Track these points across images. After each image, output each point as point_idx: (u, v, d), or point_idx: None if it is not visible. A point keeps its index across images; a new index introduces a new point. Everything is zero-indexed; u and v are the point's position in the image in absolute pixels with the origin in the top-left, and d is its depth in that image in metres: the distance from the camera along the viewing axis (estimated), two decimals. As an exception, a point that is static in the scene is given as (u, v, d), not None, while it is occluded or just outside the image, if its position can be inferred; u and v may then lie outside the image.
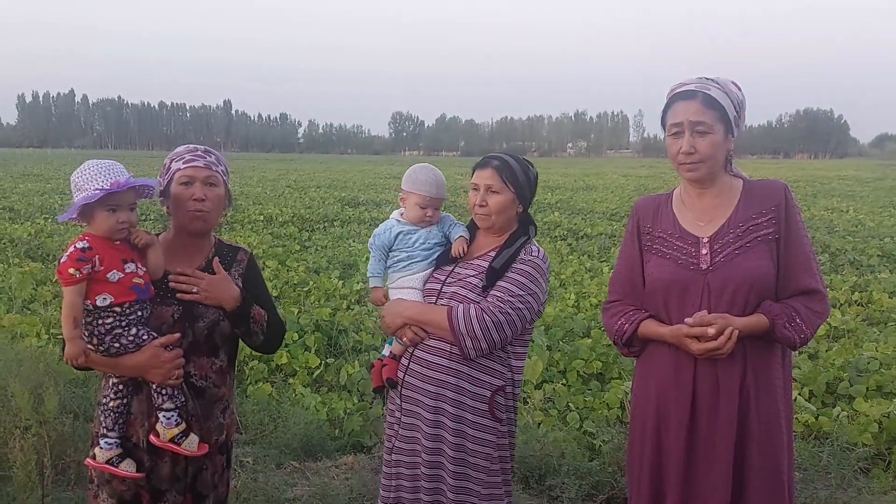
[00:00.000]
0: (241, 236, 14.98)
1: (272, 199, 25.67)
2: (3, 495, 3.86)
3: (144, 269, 2.47)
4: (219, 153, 2.70)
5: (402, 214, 3.08)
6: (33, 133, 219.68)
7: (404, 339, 2.92)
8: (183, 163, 2.58)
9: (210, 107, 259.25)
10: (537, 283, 2.87)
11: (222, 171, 2.68)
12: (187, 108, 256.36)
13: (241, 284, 2.70)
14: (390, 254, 3.03)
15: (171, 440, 2.47)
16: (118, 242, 2.43)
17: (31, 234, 14.59)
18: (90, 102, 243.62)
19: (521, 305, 2.81)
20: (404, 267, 3.01)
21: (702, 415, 2.55)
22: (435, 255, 3.02)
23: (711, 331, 2.40)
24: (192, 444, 2.51)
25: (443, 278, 2.96)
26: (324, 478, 4.47)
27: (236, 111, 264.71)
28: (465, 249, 2.96)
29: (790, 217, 2.57)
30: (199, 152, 2.63)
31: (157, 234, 2.67)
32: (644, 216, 2.78)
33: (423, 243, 3.00)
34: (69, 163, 57.09)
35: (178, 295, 2.55)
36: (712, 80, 2.57)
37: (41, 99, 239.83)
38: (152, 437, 2.49)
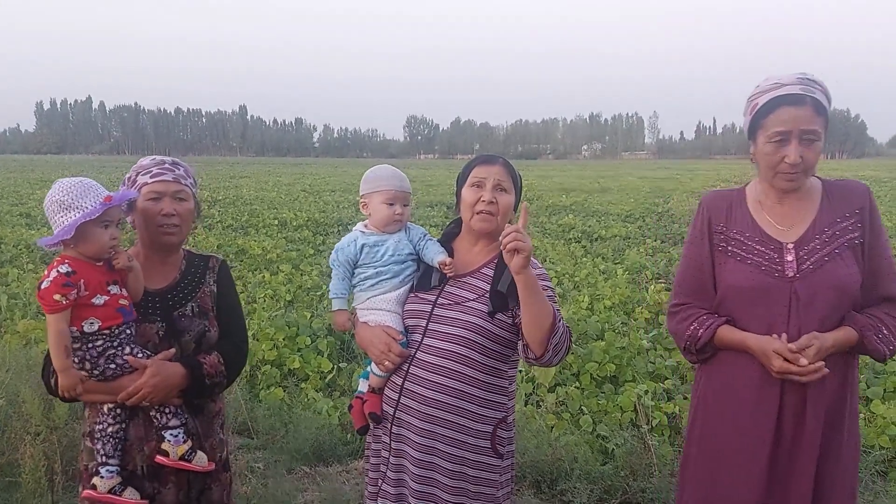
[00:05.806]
0: (255, 241, 15.03)
1: (287, 204, 25.78)
2: (13, 501, 3.87)
3: (125, 290, 2.37)
4: (186, 165, 2.58)
5: (366, 224, 2.73)
6: (51, 139, 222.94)
7: (381, 367, 2.58)
8: (150, 177, 2.45)
9: (226, 112, 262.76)
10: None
11: (191, 183, 2.56)
12: (203, 113, 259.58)
13: (215, 290, 2.64)
14: (356, 271, 2.68)
15: (182, 458, 2.40)
16: (100, 264, 2.31)
17: (48, 240, 14.62)
18: (107, 109, 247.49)
19: None
20: (373, 285, 2.65)
21: (787, 428, 2.40)
22: (408, 271, 2.67)
23: (804, 361, 2.26)
24: (202, 461, 2.45)
25: (432, 298, 2.59)
26: (334, 483, 4.45)
27: (252, 116, 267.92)
28: (451, 263, 2.58)
29: (874, 221, 2.44)
30: (166, 165, 2.50)
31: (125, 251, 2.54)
32: (715, 214, 2.57)
33: (394, 255, 2.65)
34: (87, 169, 57.57)
35: (125, 400, 2.35)
36: (812, 79, 2.36)
37: (59, 106, 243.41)
38: (160, 459, 2.38)
